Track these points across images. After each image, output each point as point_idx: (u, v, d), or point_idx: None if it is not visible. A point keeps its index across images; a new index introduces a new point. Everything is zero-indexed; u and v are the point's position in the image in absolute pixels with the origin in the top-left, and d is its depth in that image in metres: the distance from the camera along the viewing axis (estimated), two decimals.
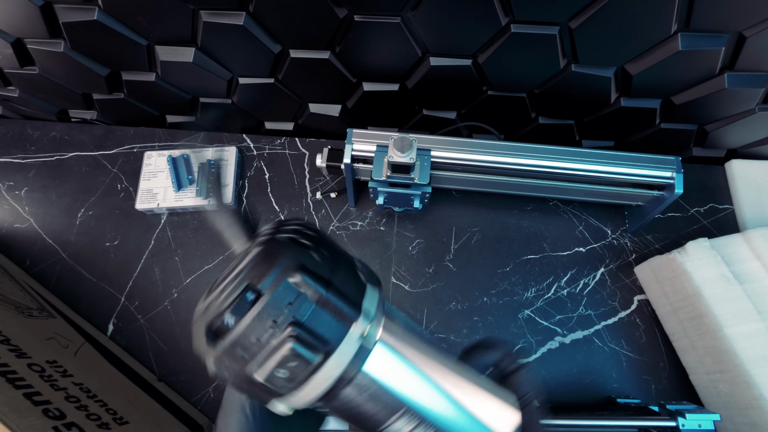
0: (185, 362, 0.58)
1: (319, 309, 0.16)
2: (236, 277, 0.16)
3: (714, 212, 0.67)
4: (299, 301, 0.15)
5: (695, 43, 0.49)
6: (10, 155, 0.69)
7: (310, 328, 0.15)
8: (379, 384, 0.18)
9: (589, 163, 0.55)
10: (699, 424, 0.45)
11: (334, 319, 0.16)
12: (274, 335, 0.15)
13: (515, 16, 0.48)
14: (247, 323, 0.15)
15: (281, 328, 0.15)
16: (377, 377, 0.17)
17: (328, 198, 0.67)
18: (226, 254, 0.64)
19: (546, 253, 0.64)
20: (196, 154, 0.67)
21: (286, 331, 0.15)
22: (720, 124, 0.63)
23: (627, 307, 0.62)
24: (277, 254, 0.16)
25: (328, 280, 0.16)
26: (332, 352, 0.16)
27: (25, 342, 0.45)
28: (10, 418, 0.35)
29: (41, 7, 0.52)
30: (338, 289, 0.16)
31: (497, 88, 0.60)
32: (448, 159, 0.55)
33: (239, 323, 0.15)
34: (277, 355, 0.15)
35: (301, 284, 0.16)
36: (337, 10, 0.50)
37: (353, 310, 0.16)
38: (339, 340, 0.16)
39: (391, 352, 0.18)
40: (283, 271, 0.16)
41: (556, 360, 0.59)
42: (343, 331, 0.16)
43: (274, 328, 0.15)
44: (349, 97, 0.66)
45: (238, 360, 0.15)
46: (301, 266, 0.16)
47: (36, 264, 0.63)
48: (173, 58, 0.58)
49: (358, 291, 0.17)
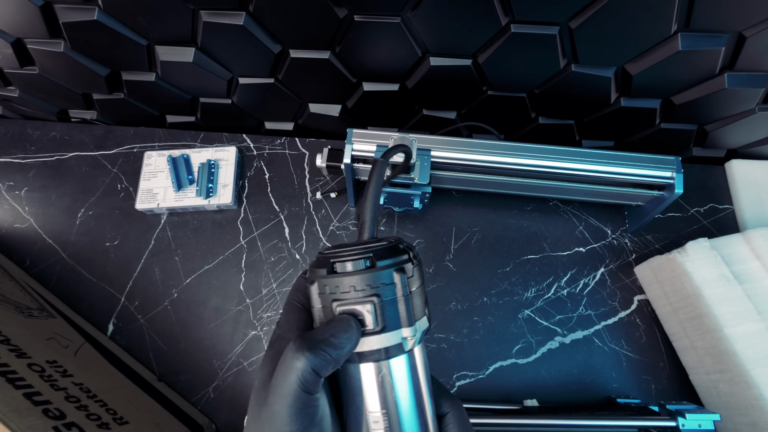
0: (185, 362, 0.59)
1: (394, 301, 0.22)
2: (366, 249, 0.23)
3: (714, 212, 0.67)
4: (389, 288, 0.22)
5: (695, 43, 0.49)
6: (10, 155, 0.69)
7: (383, 307, 0.22)
8: (387, 377, 0.23)
9: (589, 163, 0.55)
10: (699, 424, 0.45)
11: (397, 315, 0.22)
12: (362, 293, 0.22)
13: (515, 16, 0.48)
14: (355, 276, 0.22)
15: (368, 293, 0.22)
16: (390, 372, 0.23)
17: (328, 198, 0.67)
18: (226, 254, 0.64)
19: (546, 253, 0.64)
20: (196, 154, 0.67)
21: (370, 297, 0.22)
22: (720, 124, 0.63)
23: (627, 307, 0.62)
24: (397, 253, 0.23)
25: (410, 291, 0.23)
26: (382, 332, 0.22)
27: (25, 342, 0.45)
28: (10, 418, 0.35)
29: (41, 7, 0.52)
30: (410, 301, 0.23)
31: (497, 88, 0.60)
32: (448, 159, 0.55)
33: (350, 273, 0.22)
34: (354, 306, 0.22)
35: (396, 280, 0.22)
36: (337, 10, 0.50)
37: (409, 321, 0.23)
38: (390, 329, 0.22)
39: (408, 365, 0.24)
40: (394, 264, 0.23)
41: (556, 360, 0.59)
42: (396, 326, 0.22)
43: (365, 290, 0.22)
44: (349, 97, 0.67)
45: (333, 292, 0.22)
46: (403, 270, 0.23)
47: (36, 264, 0.63)
48: (173, 58, 0.58)
49: (419, 313, 0.24)
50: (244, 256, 0.64)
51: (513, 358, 0.59)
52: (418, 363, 0.24)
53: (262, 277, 0.63)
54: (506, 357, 0.59)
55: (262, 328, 0.60)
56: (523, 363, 0.59)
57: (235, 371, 0.58)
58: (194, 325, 0.60)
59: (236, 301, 0.61)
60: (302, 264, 0.64)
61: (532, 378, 0.58)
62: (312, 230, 0.65)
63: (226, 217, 0.66)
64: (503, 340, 0.60)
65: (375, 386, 0.23)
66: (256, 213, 0.66)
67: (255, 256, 0.64)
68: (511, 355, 0.59)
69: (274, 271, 0.63)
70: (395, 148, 0.30)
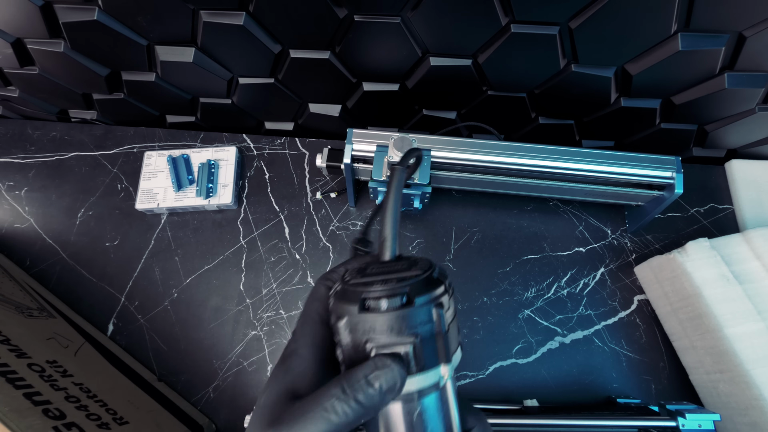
0: (185, 362, 0.59)
1: (432, 339, 0.21)
2: (401, 282, 0.21)
3: (714, 212, 0.67)
4: (427, 325, 0.20)
5: (695, 43, 0.49)
6: (10, 155, 0.69)
7: (420, 347, 0.20)
8: (420, 416, 0.21)
9: (589, 163, 0.55)
10: (699, 424, 0.45)
11: (435, 353, 0.21)
12: (399, 334, 0.20)
13: (515, 16, 0.48)
14: (391, 316, 0.20)
15: (406, 333, 0.20)
16: (423, 410, 0.21)
17: (328, 198, 0.67)
18: (225, 254, 0.64)
19: (546, 253, 0.64)
20: (196, 154, 0.67)
21: (408, 338, 0.20)
22: (720, 124, 0.63)
23: (627, 307, 0.62)
24: (433, 285, 0.21)
25: (448, 325, 0.21)
26: (419, 372, 0.20)
27: (25, 342, 0.45)
28: (10, 418, 0.35)
29: (41, 7, 0.52)
30: (449, 335, 0.21)
31: (497, 88, 0.60)
32: (448, 159, 0.55)
33: (385, 312, 0.20)
34: (391, 347, 0.20)
35: (435, 317, 0.21)
36: (337, 10, 0.50)
37: (447, 357, 0.21)
38: (428, 369, 0.20)
39: (441, 399, 0.22)
40: (432, 300, 0.21)
41: (556, 360, 0.59)
42: (434, 364, 0.21)
43: (401, 329, 0.20)
44: (349, 97, 0.67)
45: (365, 332, 0.20)
46: (441, 305, 0.21)
47: (36, 264, 0.63)
48: (173, 58, 0.58)
49: (455, 345, 0.22)
50: (244, 256, 0.64)
51: (513, 358, 0.59)
52: (449, 394, 0.23)
53: (262, 277, 0.63)
54: (506, 357, 0.59)
55: (262, 328, 0.60)
56: (523, 363, 0.59)
57: (235, 371, 0.58)
58: (194, 325, 0.60)
59: (236, 301, 0.61)
60: (302, 264, 0.64)
61: (532, 378, 0.58)
62: (312, 230, 0.65)
63: (226, 217, 0.66)
64: (503, 340, 0.60)
65: (406, 425, 0.21)
66: (256, 213, 0.66)
67: (255, 256, 0.64)
68: (511, 355, 0.59)
69: (274, 271, 0.63)
70: (410, 153, 0.28)
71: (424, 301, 0.20)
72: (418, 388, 0.21)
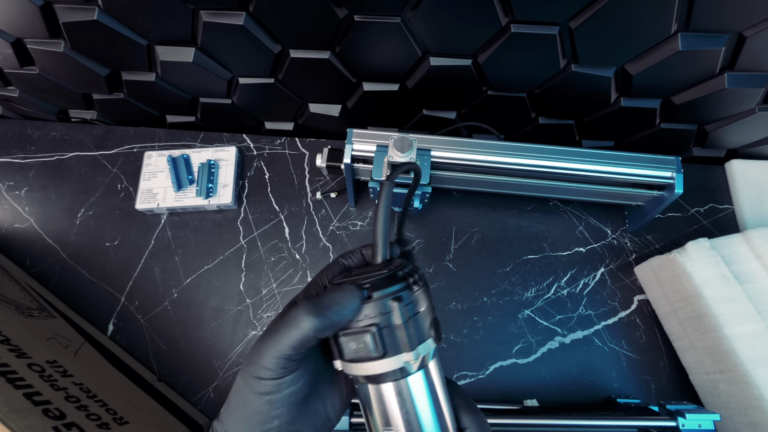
0: (185, 362, 0.59)
1: (393, 329, 0.24)
2: (366, 279, 0.25)
3: (714, 212, 0.67)
4: (386, 317, 0.24)
5: (695, 43, 0.49)
6: (10, 155, 0.69)
7: (382, 335, 0.24)
8: (394, 398, 0.25)
9: (589, 163, 0.55)
10: (699, 424, 0.45)
11: (396, 341, 0.24)
12: (361, 323, 0.24)
13: (515, 16, 0.48)
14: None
15: (366, 323, 0.24)
16: (397, 392, 0.25)
17: (328, 198, 0.67)
18: (225, 254, 0.64)
19: (546, 253, 0.64)
20: (196, 154, 0.67)
21: (370, 328, 0.23)
22: (720, 124, 0.63)
23: (627, 307, 0.62)
24: (394, 282, 0.25)
25: (410, 317, 0.24)
26: (383, 357, 0.24)
27: (25, 342, 0.45)
28: (10, 418, 0.35)
29: (41, 7, 0.52)
30: (410, 326, 0.24)
31: (497, 88, 0.60)
32: (448, 159, 0.55)
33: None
34: (357, 334, 0.24)
35: (394, 309, 0.24)
36: (337, 10, 0.50)
37: (410, 346, 0.24)
38: (391, 355, 0.24)
39: (412, 388, 0.25)
40: (390, 294, 0.24)
41: (556, 360, 0.59)
42: (397, 351, 0.24)
43: (365, 320, 0.24)
44: (349, 97, 0.67)
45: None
46: (400, 298, 0.24)
47: (36, 264, 0.63)
48: (173, 58, 0.58)
49: (422, 337, 0.25)
50: (244, 256, 0.64)
51: (513, 358, 0.59)
52: (428, 382, 0.25)
53: (262, 277, 0.63)
54: (506, 357, 0.59)
55: (262, 328, 0.60)
56: (523, 363, 0.59)
57: (235, 371, 0.58)
58: (194, 325, 0.60)
59: (236, 301, 0.61)
60: (302, 264, 0.64)
61: (532, 378, 0.58)
62: (312, 230, 0.65)
63: (226, 217, 0.66)
64: (503, 340, 0.60)
65: (384, 405, 0.25)
66: (256, 213, 0.66)
67: (255, 256, 0.64)
68: (511, 355, 0.59)
69: (274, 271, 0.63)
70: (401, 166, 0.31)
71: (380, 296, 0.24)
72: (384, 371, 0.24)
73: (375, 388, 0.25)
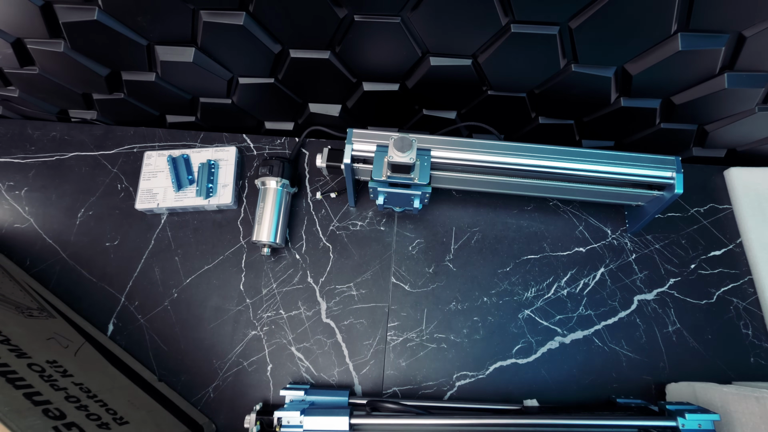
0: (185, 362, 0.59)
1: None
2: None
3: (714, 212, 0.67)
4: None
5: (695, 43, 0.49)
6: (10, 155, 0.69)
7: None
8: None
9: (589, 163, 0.55)
10: (699, 424, 0.45)
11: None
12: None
13: (515, 16, 0.48)
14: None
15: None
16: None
17: (328, 198, 0.67)
18: (225, 254, 0.64)
19: (546, 253, 0.64)
20: (196, 154, 0.67)
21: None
22: (720, 124, 0.63)
23: (627, 307, 0.62)
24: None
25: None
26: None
27: (25, 342, 0.45)
28: (10, 418, 0.35)
29: (41, 7, 0.52)
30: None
31: (497, 88, 0.60)
32: (448, 159, 0.55)
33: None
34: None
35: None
36: (337, 10, 0.50)
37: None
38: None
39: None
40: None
41: (556, 360, 0.59)
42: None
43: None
44: (349, 97, 0.67)
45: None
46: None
47: (36, 264, 0.63)
48: (173, 58, 0.58)
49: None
50: (244, 256, 0.64)
51: (513, 358, 0.59)
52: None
53: (262, 277, 0.63)
54: (506, 357, 0.59)
55: (262, 328, 0.60)
56: (523, 363, 0.59)
57: (235, 371, 0.58)
58: (194, 325, 0.60)
59: (236, 301, 0.61)
60: (302, 264, 0.64)
61: (532, 378, 0.58)
62: (312, 230, 0.65)
63: (226, 217, 0.66)
64: (503, 340, 0.60)
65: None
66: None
67: (255, 256, 0.64)
68: (511, 355, 0.59)
69: (274, 271, 0.63)
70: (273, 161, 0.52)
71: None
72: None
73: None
